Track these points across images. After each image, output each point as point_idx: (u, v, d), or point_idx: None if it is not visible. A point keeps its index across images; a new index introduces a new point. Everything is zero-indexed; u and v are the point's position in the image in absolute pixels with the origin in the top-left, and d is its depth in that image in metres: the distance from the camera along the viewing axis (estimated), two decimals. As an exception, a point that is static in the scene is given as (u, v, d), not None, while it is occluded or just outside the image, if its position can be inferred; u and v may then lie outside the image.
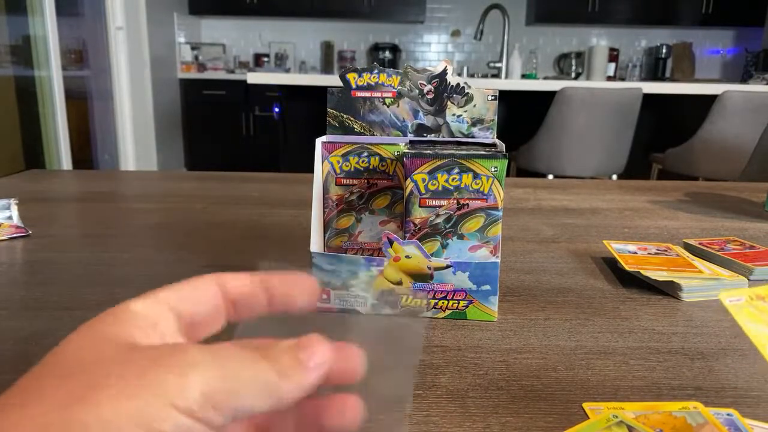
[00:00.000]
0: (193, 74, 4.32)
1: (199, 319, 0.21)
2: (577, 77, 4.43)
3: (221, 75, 4.33)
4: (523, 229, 0.73)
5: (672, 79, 4.46)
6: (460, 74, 4.25)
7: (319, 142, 0.49)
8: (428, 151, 0.45)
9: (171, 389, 0.16)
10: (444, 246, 0.46)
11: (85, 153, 3.34)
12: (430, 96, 0.49)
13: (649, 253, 0.59)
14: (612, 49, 4.43)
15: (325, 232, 0.51)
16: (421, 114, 0.49)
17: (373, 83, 0.49)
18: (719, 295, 0.28)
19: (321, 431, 0.20)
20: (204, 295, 0.21)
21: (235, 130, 4.35)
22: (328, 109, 0.50)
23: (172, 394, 0.16)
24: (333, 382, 0.20)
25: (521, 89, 2.48)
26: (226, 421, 0.17)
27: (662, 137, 2.70)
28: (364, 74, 0.49)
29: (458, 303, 0.45)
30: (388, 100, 0.49)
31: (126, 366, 0.16)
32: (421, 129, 0.50)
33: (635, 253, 0.59)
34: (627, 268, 0.54)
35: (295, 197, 0.90)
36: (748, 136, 2.15)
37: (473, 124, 0.49)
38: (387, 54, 4.62)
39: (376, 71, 0.49)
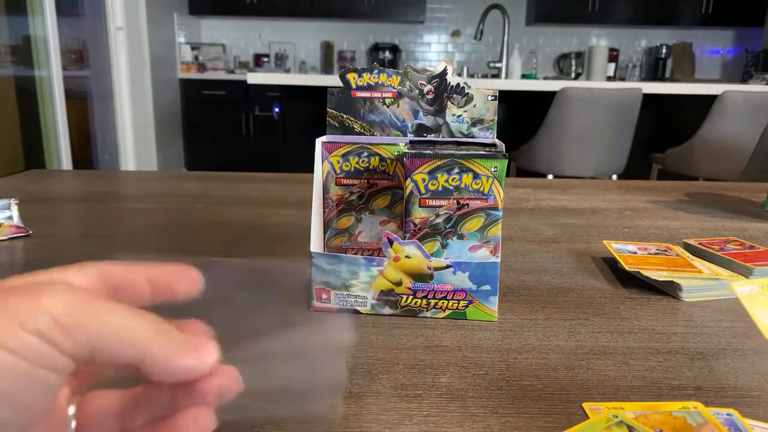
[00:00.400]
0: (193, 74, 4.32)
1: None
2: (577, 77, 4.43)
3: (221, 75, 4.33)
4: (523, 229, 0.74)
5: (672, 79, 4.46)
6: (460, 74, 4.25)
7: (319, 142, 0.49)
8: (428, 151, 0.45)
9: (19, 310, 0.16)
10: (444, 246, 0.46)
11: (85, 153, 3.34)
12: (430, 96, 0.49)
13: (649, 253, 0.59)
14: (612, 49, 4.43)
15: (325, 232, 0.51)
16: (421, 114, 0.49)
17: (373, 83, 0.49)
18: (731, 284, 0.28)
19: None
20: (85, 280, 0.20)
21: (235, 130, 4.35)
22: (328, 109, 0.50)
23: (19, 314, 0.16)
24: (200, 400, 0.19)
25: (521, 89, 2.48)
26: (79, 351, 0.16)
27: (662, 137, 2.70)
28: (364, 74, 0.49)
29: (458, 303, 0.45)
30: (388, 100, 0.49)
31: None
32: (421, 129, 0.50)
33: (635, 253, 0.59)
34: (627, 268, 0.54)
35: (295, 197, 0.90)
36: (748, 136, 2.16)
37: (473, 124, 0.49)
38: (387, 54, 4.62)
39: (376, 71, 0.49)
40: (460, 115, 0.49)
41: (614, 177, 2.51)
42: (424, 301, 0.45)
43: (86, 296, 0.17)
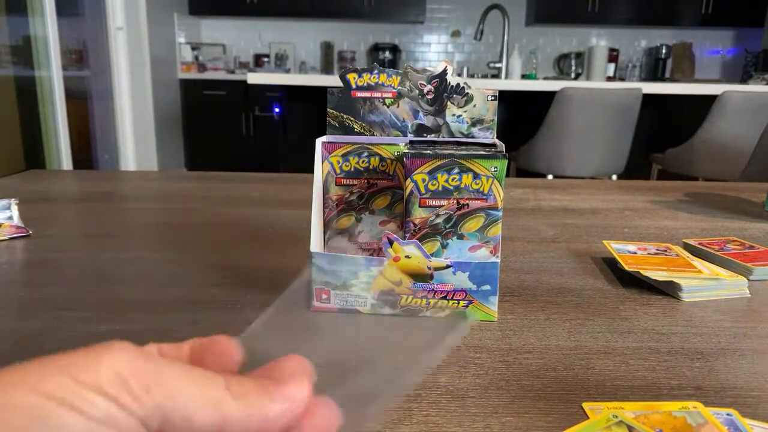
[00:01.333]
0: (194, 74, 4.32)
1: None
2: (576, 77, 4.43)
3: (221, 75, 4.33)
4: (523, 229, 0.74)
5: (672, 80, 4.46)
6: (460, 74, 4.25)
7: (319, 142, 0.49)
8: (428, 151, 0.45)
9: (84, 369, 0.15)
10: (444, 246, 0.46)
11: (85, 153, 3.34)
12: (430, 96, 0.49)
13: (648, 253, 0.59)
14: (612, 50, 4.43)
15: (325, 232, 0.51)
16: (421, 114, 0.49)
17: (373, 83, 0.49)
18: None
19: None
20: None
21: (235, 130, 4.34)
22: (328, 110, 0.50)
23: (85, 374, 0.15)
24: None
25: (521, 89, 2.48)
26: (151, 414, 0.15)
27: (662, 137, 2.70)
28: (364, 74, 0.49)
29: (458, 303, 0.45)
30: (388, 101, 0.49)
31: (42, 361, 0.16)
32: (421, 129, 0.50)
33: (635, 253, 0.59)
34: (627, 268, 0.55)
35: (295, 197, 0.90)
36: (748, 136, 2.16)
37: (473, 125, 0.49)
38: (387, 54, 4.62)
39: (376, 71, 0.49)
40: (460, 115, 0.49)
41: (614, 177, 2.51)
42: (424, 301, 0.45)
43: (149, 356, 0.16)
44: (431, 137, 0.49)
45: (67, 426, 0.14)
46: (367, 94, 0.49)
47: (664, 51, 4.58)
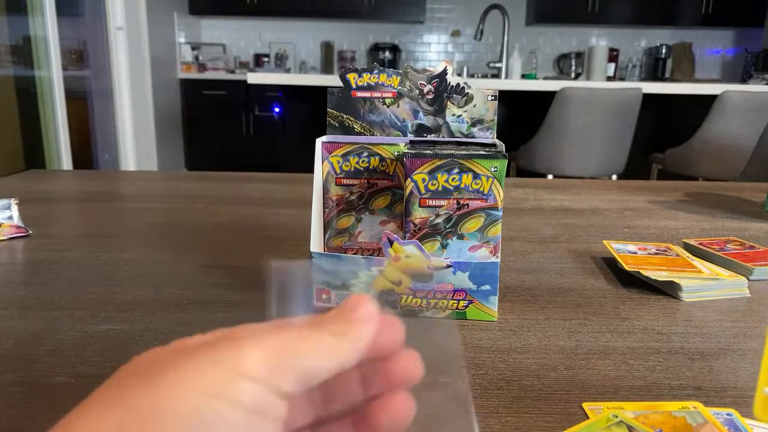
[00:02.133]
0: (194, 74, 4.32)
1: None
2: (576, 77, 4.42)
3: (221, 75, 4.33)
4: (523, 229, 0.73)
5: (672, 80, 4.46)
6: (460, 74, 4.25)
7: (319, 142, 0.49)
8: (428, 151, 0.45)
9: (231, 360, 0.16)
10: (444, 246, 0.46)
11: (85, 153, 3.34)
12: (430, 96, 0.49)
13: (648, 253, 0.59)
14: (612, 50, 4.43)
15: (325, 232, 0.51)
16: (421, 114, 0.49)
17: (373, 83, 0.49)
18: None
19: (380, 428, 0.20)
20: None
21: (236, 130, 4.34)
22: (328, 109, 0.50)
23: (234, 364, 0.16)
24: (380, 351, 0.20)
25: (521, 89, 2.48)
26: (297, 387, 0.17)
27: (662, 137, 2.70)
28: (364, 74, 0.49)
29: (458, 303, 0.45)
30: (388, 100, 0.49)
31: (192, 353, 0.17)
32: (421, 129, 0.50)
33: (635, 253, 0.59)
34: (627, 268, 0.54)
35: (295, 197, 0.90)
36: (748, 136, 2.15)
37: (473, 124, 0.49)
38: (387, 54, 4.62)
39: (376, 71, 0.49)
40: (460, 115, 0.49)
41: (614, 177, 2.50)
42: (424, 301, 0.45)
43: (272, 329, 0.18)
44: (431, 137, 0.49)
45: (225, 419, 0.15)
46: (367, 94, 0.49)
47: (664, 51, 4.58)
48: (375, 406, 0.20)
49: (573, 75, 4.55)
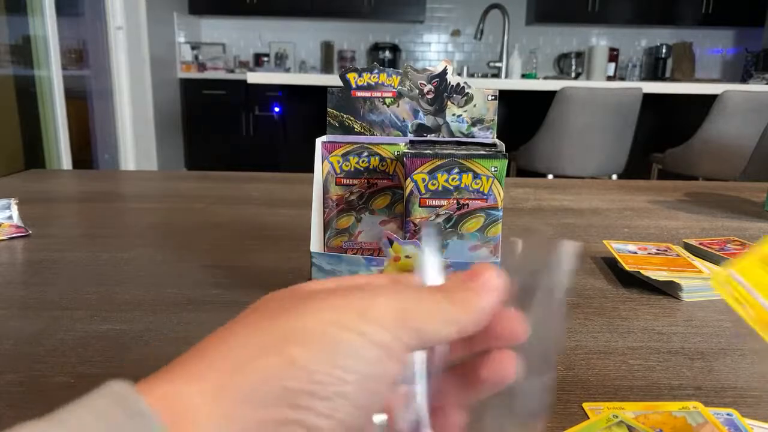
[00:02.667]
0: (193, 74, 4.32)
1: None
2: (577, 77, 4.42)
3: (221, 75, 4.33)
4: (524, 229, 0.73)
5: (672, 79, 4.46)
6: (460, 74, 4.25)
7: (319, 142, 0.49)
8: (428, 151, 0.45)
9: (362, 305, 0.18)
10: (444, 246, 0.46)
11: (85, 153, 3.34)
12: (430, 96, 0.49)
13: (649, 253, 0.59)
14: (612, 49, 4.42)
15: (325, 232, 0.51)
16: (421, 114, 0.49)
17: (373, 83, 0.49)
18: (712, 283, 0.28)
19: (479, 384, 0.21)
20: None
21: (235, 129, 4.34)
22: (328, 109, 0.50)
23: (365, 308, 0.18)
24: (496, 342, 0.21)
25: (521, 89, 2.48)
26: (416, 346, 0.19)
27: (662, 137, 2.70)
28: (364, 74, 0.49)
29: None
30: (388, 100, 0.49)
31: (329, 292, 0.19)
32: (421, 129, 0.50)
33: (635, 253, 0.59)
34: (627, 268, 0.54)
35: (295, 197, 0.90)
36: (748, 136, 2.15)
37: (473, 124, 0.49)
38: (387, 54, 4.62)
39: (376, 71, 0.49)
40: (460, 115, 0.49)
41: (614, 177, 2.50)
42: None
43: (408, 292, 0.20)
44: (431, 137, 0.49)
45: (359, 348, 0.18)
46: (367, 94, 0.49)
47: (664, 50, 4.58)
48: (479, 363, 0.21)
49: (573, 75, 4.55)
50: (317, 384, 0.17)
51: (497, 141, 0.48)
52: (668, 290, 0.52)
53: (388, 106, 0.49)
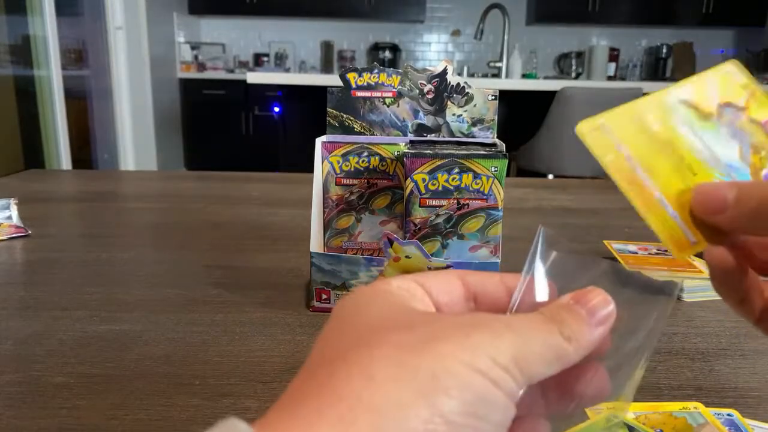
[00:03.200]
0: (193, 74, 4.32)
1: (446, 302, 0.22)
2: (577, 77, 4.42)
3: (221, 75, 4.33)
4: (524, 229, 0.73)
5: (673, 79, 4.45)
6: (460, 74, 4.25)
7: (319, 142, 0.49)
8: (428, 151, 0.45)
9: (490, 349, 0.18)
10: (444, 246, 0.46)
11: (84, 153, 3.34)
12: (430, 96, 0.49)
13: (649, 253, 0.59)
14: (612, 49, 4.42)
15: (325, 232, 0.51)
16: (421, 114, 0.49)
17: (373, 83, 0.49)
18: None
19: (573, 397, 0.21)
20: (450, 284, 0.22)
21: (235, 129, 4.34)
22: (328, 109, 0.50)
23: (493, 352, 0.17)
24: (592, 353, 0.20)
25: (521, 89, 2.48)
26: (525, 384, 0.18)
27: (662, 137, 2.70)
28: (364, 74, 0.49)
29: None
30: (388, 100, 0.49)
31: (450, 327, 0.18)
32: (421, 129, 0.49)
33: (636, 253, 0.59)
34: (627, 268, 0.54)
35: (295, 197, 0.90)
36: (748, 135, 2.15)
37: (473, 124, 0.49)
38: (387, 54, 4.62)
39: (376, 71, 0.49)
40: (461, 115, 0.49)
41: (614, 177, 2.50)
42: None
43: (523, 330, 0.19)
44: (431, 137, 0.49)
45: (493, 395, 0.17)
46: (367, 94, 0.49)
47: (664, 50, 4.58)
48: (571, 376, 0.21)
49: (573, 75, 4.55)
50: None
51: (497, 141, 0.48)
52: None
53: (388, 106, 0.49)
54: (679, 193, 0.22)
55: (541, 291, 0.22)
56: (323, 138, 0.50)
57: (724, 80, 0.25)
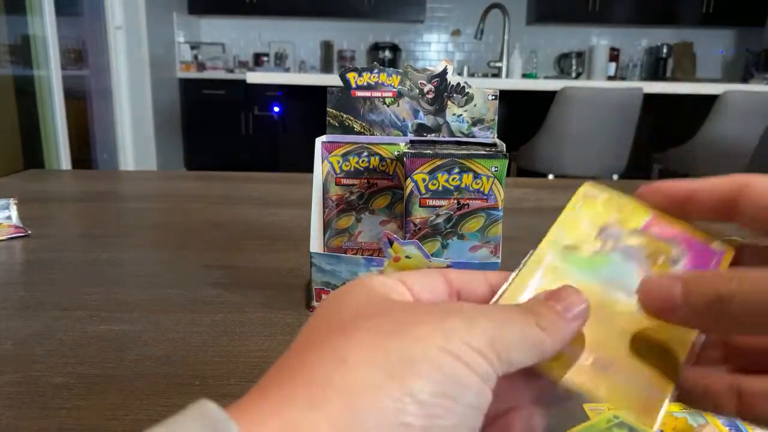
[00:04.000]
0: (193, 74, 4.31)
1: (427, 299, 0.22)
2: (577, 77, 4.42)
3: (221, 74, 4.33)
4: (524, 229, 0.73)
5: (673, 79, 4.46)
6: (460, 74, 4.25)
7: (319, 141, 0.49)
8: (428, 151, 0.45)
9: (464, 333, 0.18)
10: (444, 246, 0.46)
11: (84, 153, 3.33)
12: (430, 96, 0.49)
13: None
14: (613, 49, 4.43)
15: (325, 232, 0.51)
16: (421, 114, 0.49)
17: (373, 83, 0.49)
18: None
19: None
20: (432, 281, 0.23)
21: (235, 129, 4.34)
22: (328, 109, 0.49)
23: (466, 336, 0.18)
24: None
25: (522, 89, 2.48)
26: (502, 371, 0.18)
27: (663, 137, 2.70)
28: (364, 74, 0.49)
29: (459, 303, 0.45)
30: (388, 100, 0.49)
31: (426, 313, 0.19)
32: (421, 129, 0.49)
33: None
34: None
35: (295, 197, 0.90)
36: (749, 136, 2.15)
37: (473, 124, 0.49)
38: (387, 53, 4.62)
39: (376, 71, 0.49)
40: (461, 115, 0.49)
41: (615, 177, 2.50)
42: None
43: (498, 316, 0.19)
44: (431, 137, 0.49)
45: (465, 377, 0.17)
46: (367, 94, 0.49)
47: (665, 50, 4.58)
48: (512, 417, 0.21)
49: (574, 74, 4.55)
50: (432, 418, 0.16)
51: (498, 141, 0.48)
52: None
53: (388, 106, 0.49)
54: (617, 347, 0.20)
55: (527, 290, 0.22)
56: (323, 138, 0.50)
57: (588, 206, 0.25)
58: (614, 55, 4.46)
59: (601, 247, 0.23)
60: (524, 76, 3.90)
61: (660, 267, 0.22)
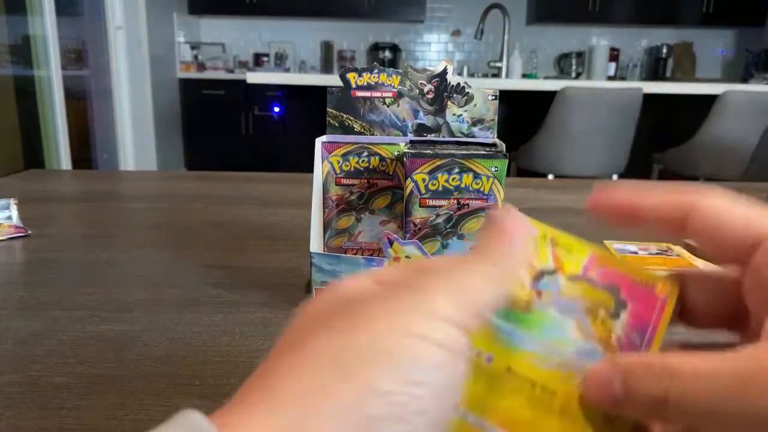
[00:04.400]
0: (193, 74, 4.32)
1: None
2: (577, 77, 4.42)
3: (221, 75, 4.33)
4: (524, 229, 0.73)
5: (673, 79, 4.46)
6: (460, 74, 4.25)
7: (319, 142, 0.49)
8: (428, 151, 0.45)
9: (424, 305, 0.17)
10: (444, 246, 0.46)
11: (84, 153, 3.34)
12: (430, 96, 0.49)
13: (650, 254, 0.59)
14: (612, 49, 4.43)
15: (325, 232, 0.51)
16: (421, 114, 0.49)
17: (373, 83, 0.49)
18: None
19: None
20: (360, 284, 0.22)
21: (235, 129, 4.34)
22: (328, 109, 0.49)
23: (428, 308, 0.17)
24: None
25: (522, 89, 2.48)
26: (476, 322, 0.18)
27: (662, 137, 2.70)
28: (364, 74, 0.49)
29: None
30: (388, 100, 0.49)
31: (382, 300, 0.18)
32: (421, 129, 0.49)
33: (636, 253, 0.59)
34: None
35: (295, 197, 0.90)
36: (749, 136, 2.15)
37: (473, 124, 0.49)
38: (387, 54, 4.62)
39: (376, 71, 0.49)
40: (461, 115, 0.49)
41: (615, 177, 2.50)
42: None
43: (453, 269, 0.19)
44: (431, 137, 0.49)
45: (428, 357, 0.17)
46: (367, 94, 0.49)
47: (665, 50, 4.58)
48: None
49: (574, 74, 4.55)
50: (397, 406, 0.16)
51: (497, 141, 0.48)
52: (669, 290, 0.52)
53: (388, 106, 0.49)
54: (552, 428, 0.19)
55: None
56: (323, 138, 0.50)
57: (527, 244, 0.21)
58: (614, 55, 4.46)
59: (536, 299, 0.20)
60: (524, 76, 3.90)
61: (600, 327, 0.20)
